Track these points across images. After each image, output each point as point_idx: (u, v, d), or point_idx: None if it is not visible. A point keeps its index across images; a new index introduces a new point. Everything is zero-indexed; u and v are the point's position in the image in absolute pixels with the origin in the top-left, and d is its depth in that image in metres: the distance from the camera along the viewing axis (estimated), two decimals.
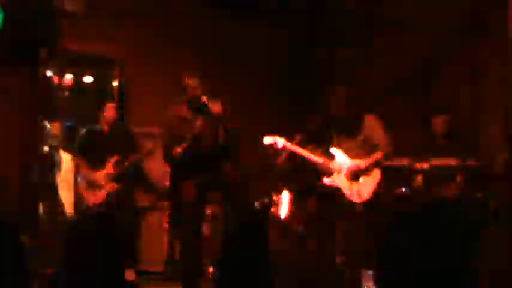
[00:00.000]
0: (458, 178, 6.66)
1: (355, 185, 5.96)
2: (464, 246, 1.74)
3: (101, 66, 8.95)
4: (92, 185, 7.22)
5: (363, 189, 5.92)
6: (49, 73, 8.42)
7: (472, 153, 6.84)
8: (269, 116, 9.29)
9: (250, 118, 8.47)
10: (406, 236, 1.74)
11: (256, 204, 7.88)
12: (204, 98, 5.85)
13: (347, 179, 5.99)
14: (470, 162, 6.35)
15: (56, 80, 8.58)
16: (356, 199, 5.95)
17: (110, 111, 7.39)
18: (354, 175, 5.94)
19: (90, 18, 8.62)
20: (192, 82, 5.96)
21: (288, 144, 6.23)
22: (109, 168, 7.21)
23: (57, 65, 8.51)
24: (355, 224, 5.99)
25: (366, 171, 5.92)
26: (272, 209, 7.72)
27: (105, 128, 7.39)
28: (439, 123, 7.12)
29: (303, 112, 7.34)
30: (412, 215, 1.86)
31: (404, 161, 6.70)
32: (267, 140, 6.30)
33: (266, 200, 7.83)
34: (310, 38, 9.91)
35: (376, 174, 5.94)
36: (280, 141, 6.24)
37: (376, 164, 5.93)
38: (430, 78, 8.63)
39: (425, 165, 6.65)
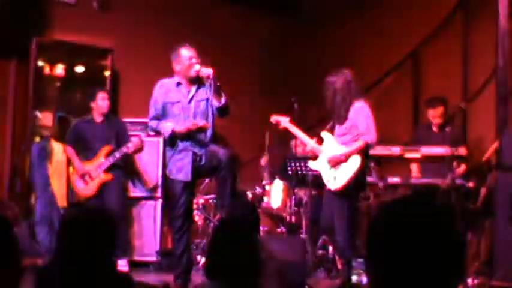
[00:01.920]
0: (457, 169, 6.71)
1: (333, 172, 5.95)
2: (455, 234, 1.76)
3: (93, 56, 8.91)
4: (84, 176, 7.21)
5: (339, 177, 5.91)
6: (40, 63, 8.41)
7: (463, 143, 6.87)
8: (256, 104, 9.32)
9: (239, 106, 8.51)
10: (396, 224, 1.76)
11: (249, 193, 7.90)
12: (198, 70, 5.84)
13: (328, 164, 6.00)
14: (461, 151, 6.37)
15: (47, 70, 8.56)
16: (331, 186, 5.94)
17: (102, 100, 7.37)
18: (335, 163, 5.95)
19: (81, 8, 8.63)
20: (187, 52, 5.91)
21: (289, 125, 6.36)
22: (101, 158, 7.21)
23: (48, 55, 8.50)
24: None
25: (345, 160, 5.91)
26: (264, 198, 7.75)
27: (98, 118, 7.38)
28: (436, 114, 7.18)
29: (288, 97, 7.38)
30: (403, 203, 1.87)
31: (395, 150, 6.72)
32: (273, 118, 6.50)
33: (258, 189, 7.86)
34: (296, 22, 9.93)
35: (356, 162, 5.89)
36: (284, 121, 6.37)
37: (355, 152, 5.90)
38: (420, 67, 8.65)
39: (416, 155, 6.67)
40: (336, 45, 9.53)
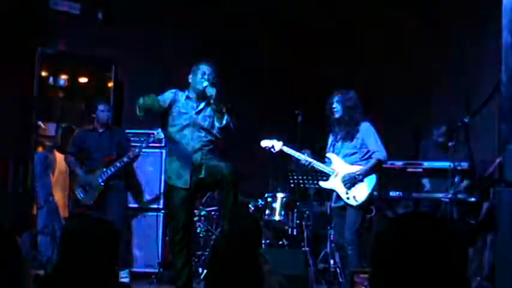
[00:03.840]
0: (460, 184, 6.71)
1: (352, 190, 6.02)
2: (458, 248, 1.76)
3: (97, 67, 8.94)
4: (85, 186, 7.20)
5: (358, 194, 5.98)
6: (44, 74, 8.44)
7: (469, 158, 6.87)
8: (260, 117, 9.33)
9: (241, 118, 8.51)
10: (401, 238, 1.76)
11: (251, 205, 7.90)
12: (205, 83, 5.87)
13: (345, 185, 6.05)
14: (463, 166, 6.37)
15: (51, 80, 8.59)
16: (352, 203, 6.00)
17: (102, 113, 7.38)
18: (352, 183, 6.02)
19: (86, 18, 8.66)
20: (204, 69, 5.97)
21: (285, 148, 6.31)
22: (102, 168, 7.21)
23: (52, 66, 8.53)
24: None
25: (361, 180, 5.99)
26: (266, 211, 7.75)
27: (99, 128, 7.39)
28: (439, 134, 7.23)
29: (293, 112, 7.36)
30: (407, 216, 1.87)
31: (398, 164, 6.73)
32: (264, 143, 6.38)
33: (261, 202, 7.85)
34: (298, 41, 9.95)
35: (372, 179, 6.00)
36: (278, 145, 6.32)
37: (371, 171, 6.00)
38: (427, 85, 8.66)
39: (418, 169, 6.69)
40: (339, 60, 9.53)
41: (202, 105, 5.95)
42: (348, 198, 6.04)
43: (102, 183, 7.15)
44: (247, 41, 9.73)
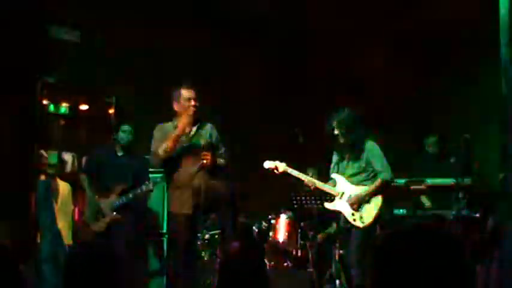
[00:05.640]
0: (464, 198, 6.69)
1: (358, 211, 5.99)
2: (462, 265, 1.75)
3: (97, 94, 8.97)
4: (95, 212, 7.06)
5: (365, 215, 5.96)
6: (45, 102, 8.46)
7: (468, 173, 6.86)
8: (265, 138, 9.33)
9: (246, 140, 8.53)
10: (403, 254, 1.76)
11: (255, 227, 7.88)
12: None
13: (351, 206, 6.02)
14: (466, 182, 6.36)
15: (51, 108, 8.61)
16: (359, 224, 5.97)
17: (122, 132, 7.13)
18: (358, 204, 6.00)
19: (85, 46, 8.70)
20: (189, 93, 5.98)
21: (289, 169, 6.27)
22: (114, 197, 7.03)
23: (53, 94, 8.56)
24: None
25: (367, 201, 5.98)
26: (270, 233, 7.72)
27: (119, 151, 7.18)
28: (429, 144, 7.22)
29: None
30: (410, 233, 1.87)
31: (400, 182, 6.72)
32: (267, 164, 6.33)
33: (264, 224, 7.83)
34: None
35: (378, 200, 5.99)
36: (281, 166, 6.27)
37: (377, 192, 5.99)
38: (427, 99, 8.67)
39: (421, 186, 6.67)
40: (337, 74, 9.54)
41: (194, 129, 5.96)
42: (354, 220, 6.00)
43: (114, 213, 6.98)
44: (246, 59, 9.76)
